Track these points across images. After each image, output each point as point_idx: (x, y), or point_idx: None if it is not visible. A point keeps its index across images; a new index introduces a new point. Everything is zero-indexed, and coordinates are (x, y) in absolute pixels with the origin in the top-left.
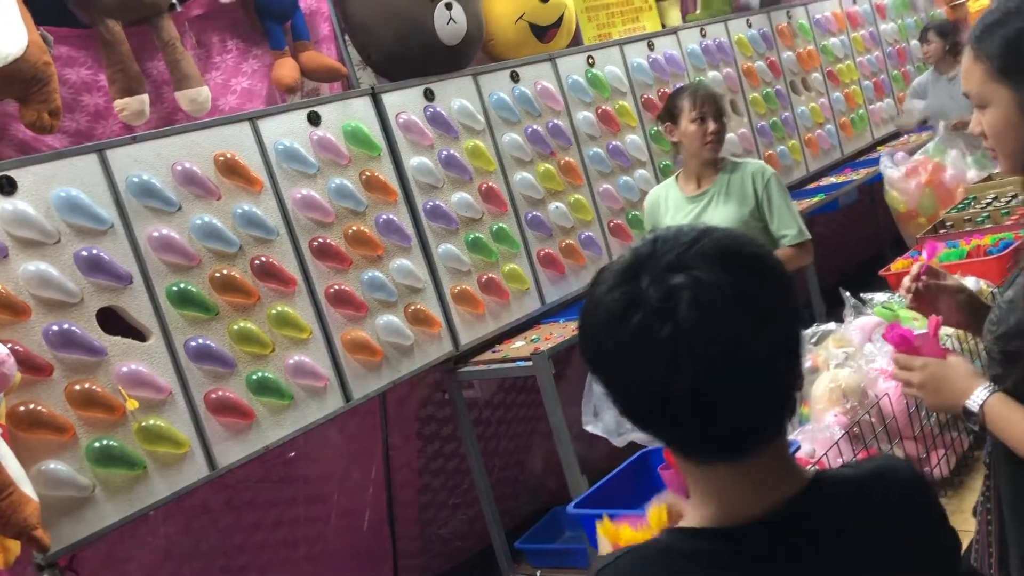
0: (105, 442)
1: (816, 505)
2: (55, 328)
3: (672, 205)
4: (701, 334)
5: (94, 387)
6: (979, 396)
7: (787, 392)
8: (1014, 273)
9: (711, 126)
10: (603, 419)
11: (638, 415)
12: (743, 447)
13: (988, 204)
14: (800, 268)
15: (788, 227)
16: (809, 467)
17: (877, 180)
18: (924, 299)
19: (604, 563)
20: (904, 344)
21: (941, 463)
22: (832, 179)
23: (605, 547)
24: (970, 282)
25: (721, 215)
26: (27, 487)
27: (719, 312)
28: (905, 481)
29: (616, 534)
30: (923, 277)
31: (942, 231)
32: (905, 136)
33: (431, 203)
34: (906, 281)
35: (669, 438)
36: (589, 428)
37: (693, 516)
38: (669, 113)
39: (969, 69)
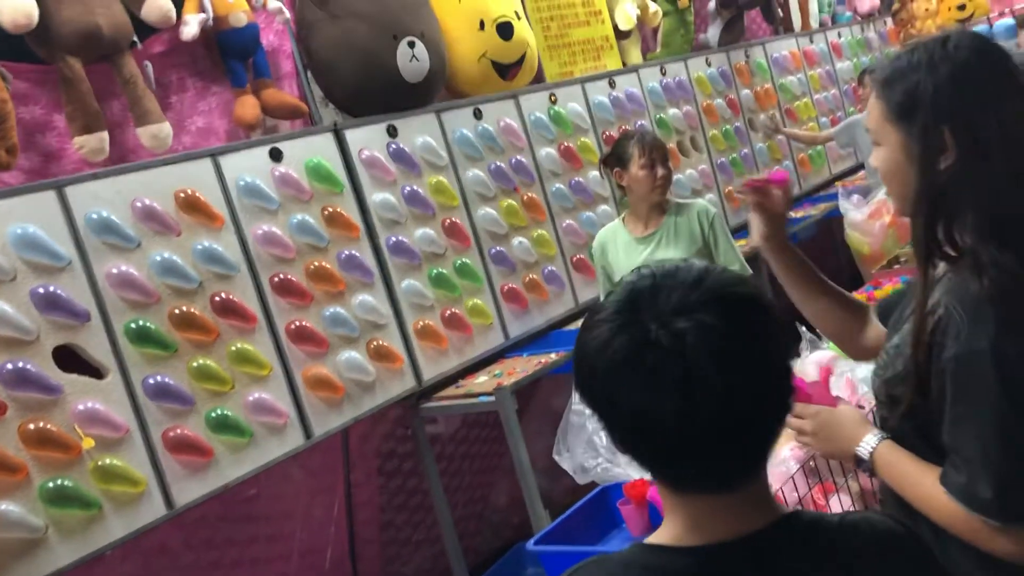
0: (59, 482)
1: (788, 537)
2: (9, 366)
3: (621, 246)
4: (712, 375)
5: (49, 426)
6: (868, 443)
7: (778, 428)
8: (899, 315)
9: (660, 171)
10: (574, 455)
11: (638, 451)
12: (734, 481)
13: None
14: None
15: (732, 263)
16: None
17: (835, 215)
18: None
19: (571, 570)
20: (797, 393)
21: None
22: (791, 214)
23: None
24: None
25: (672, 254)
26: None
27: (727, 353)
28: (887, 534)
29: None
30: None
31: (896, 266)
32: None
33: (394, 239)
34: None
35: (665, 473)
36: (558, 459)
37: (662, 535)
38: (618, 159)
39: (872, 105)
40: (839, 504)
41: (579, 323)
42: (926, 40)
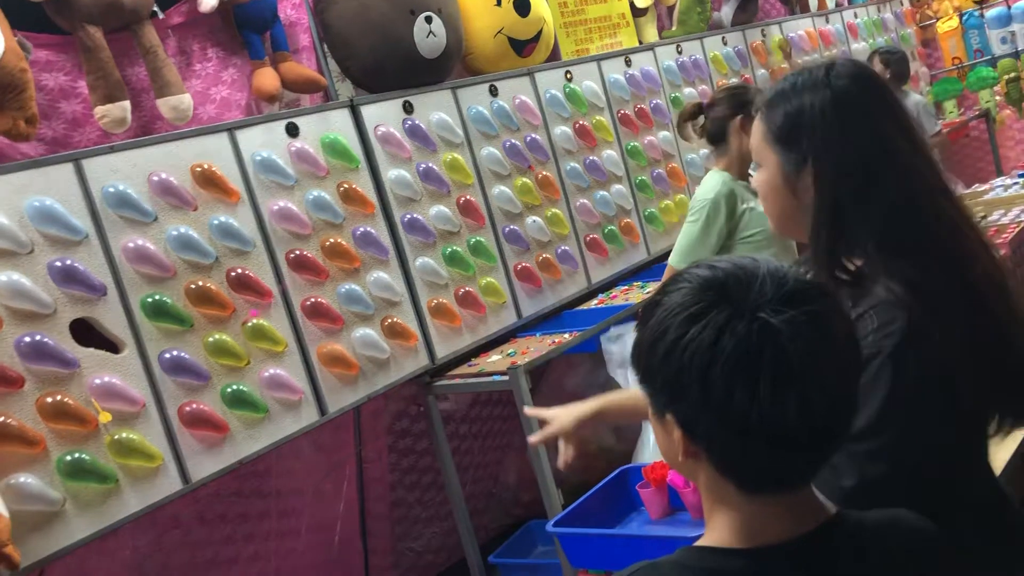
0: (76, 455)
1: (837, 538)
2: (27, 339)
3: (751, 197)
4: (826, 368)
5: (66, 399)
6: None
7: (848, 432)
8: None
9: None
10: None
11: (720, 448)
12: (797, 481)
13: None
14: None
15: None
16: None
17: None
18: None
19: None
20: None
21: None
22: None
23: None
24: None
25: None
26: None
27: (834, 345)
28: (920, 531)
29: None
30: None
31: None
32: None
33: (409, 216)
34: None
35: (741, 471)
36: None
37: (711, 537)
38: (742, 106)
39: (755, 127)
40: None
41: (591, 303)
42: (811, 66)
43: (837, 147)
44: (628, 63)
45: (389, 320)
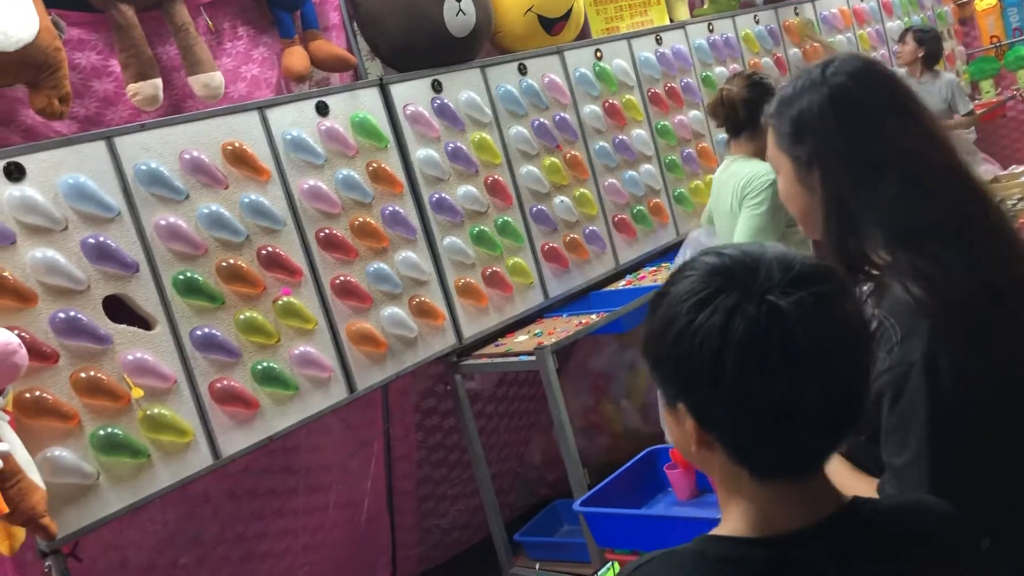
0: (110, 430)
1: (857, 523)
2: (61, 315)
3: None
4: (836, 349)
5: (99, 375)
6: None
7: (861, 414)
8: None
9: None
10: None
11: (734, 434)
12: (811, 466)
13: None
14: None
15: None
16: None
17: None
18: None
19: (634, 566)
20: None
21: None
22: None
23: None
24: None
25: None
26: (35, 475)
27: (846, 324)
28: (942, 517)
29: None
30: None
31: None
32: None
33: (437, 195)
34: None
35: (757, 457)
36: None
37: (727, 526)
38: (767, 90)
39: (769, 136)
40: None
41: (619, 284)
42: (809, 67)
43: (837, 143)
44: (659, 41)
45: (417, 299)
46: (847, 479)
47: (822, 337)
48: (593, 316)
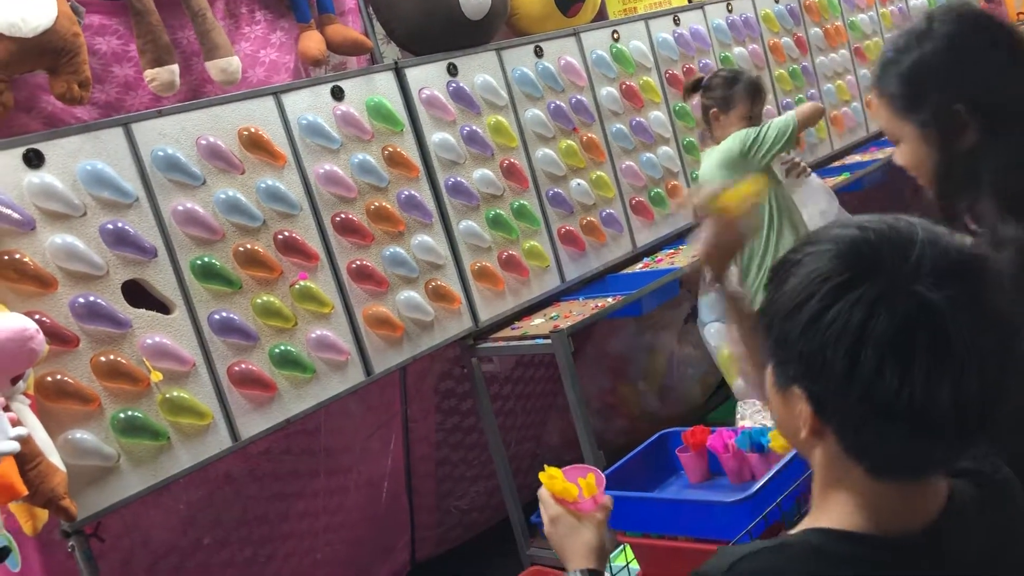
0: (130, 413)
1: (957, 522)
2: (81, 300)
3: None
4: (965, 356)
5: (119, 359)
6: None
7: (994, 420)
8: None
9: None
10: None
11: (858, 432)
12: (934, 470)
13: None
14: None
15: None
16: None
17: None
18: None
19: (740, 555)
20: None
21: None
22: (858, 157)
23: (551, 505)
24: None
25: None
26: (55, 457)
27: (991, 328)
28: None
29: (562, 484)
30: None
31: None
32: None
33: (452, 179)
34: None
35: (873, 455)
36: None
37: (829, 519)
38: (722, 100)
39: (876, 109)
40: None
41: (636, 267)
42: (906, 26)
43: (958, 89)
44: (677, 22)
45: (433, 283)
46: None
47: (973, 338)
48: (610, 299)
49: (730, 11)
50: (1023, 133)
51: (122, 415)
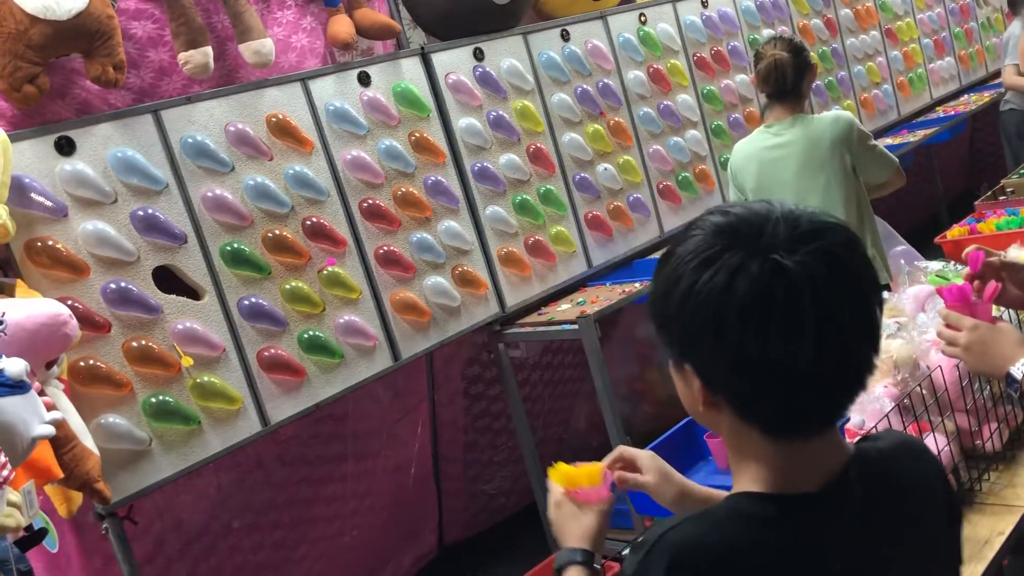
0: (161, 397)
1: (859, 480)
2: (113, 286)
3: None
4: (842, 307)
5: (150, 344)
6: None
7: (870, 369)
8: None
9: None
10: None
11: (741, 392)
12: (823, 424)
13: None
14: None
15: None
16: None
17: (934, 142)
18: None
19: (669, 525)
20: (960, 299)
21: (993, 437)
22: (888, 140)
23: (556, 491)
24: None
25: None
26: (88, 441)
27: (850, 284)
28: (921, 451)
29: (569, 478)
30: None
31: (1002, 197)
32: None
33: (479, 164)
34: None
35: (763, 416)
36: None
37: (748, 482)
38: (809, 56)
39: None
40: (934, 443)
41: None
42: None
43: None
44: (705, 4)
45: (460, 268)
46: None
47: (826, 296)
48: (637, 284)
49: None
50: None
51: (154, 400)
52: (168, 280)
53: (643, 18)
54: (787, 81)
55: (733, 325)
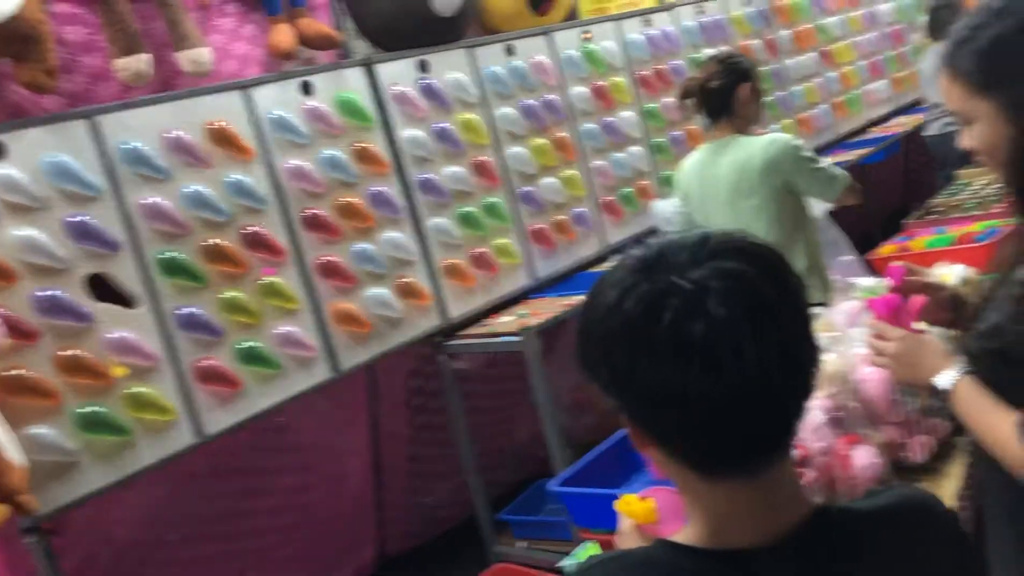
0: (92, 408)
1: (820, 537)
2: (43, 294)
3: None
4: (740, 329)
5: (81, 353)
6: (950, 376)
7: (807, 396)
8: (997, 274)
9: None
10: None
11: (658, 427)
12: (759, 461)
13: (980, 190)
14: None
15: None
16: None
17: (868, 162)
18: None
19: (584, 566)
20: (888, 311)
21: (921, 449)
22: (826, 159)
23: (625, 524)
24: (957, 269)
25: None
26: (14, 452)
27: (755, 299)
28: (927, 515)
29: (640, 513)
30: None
31: (930, 216)
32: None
33: (423, 176)
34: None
35: (681, 451)
36: None
37: (687, 533)
38: (744, 74)
39: (948, 89)
40: (864, 455)
41: (606, 265)
42: (979, 6)
43: None
44: (648, 23)
45: (402, 279)
46: (988, 408)
47: (724, 318)
48: (580, 297)
49: (701, 13)
50: None
51: (84, 410)
52: (102, 288)
53: (587, 35)
54: (713, 101)
55: (622, 352)
